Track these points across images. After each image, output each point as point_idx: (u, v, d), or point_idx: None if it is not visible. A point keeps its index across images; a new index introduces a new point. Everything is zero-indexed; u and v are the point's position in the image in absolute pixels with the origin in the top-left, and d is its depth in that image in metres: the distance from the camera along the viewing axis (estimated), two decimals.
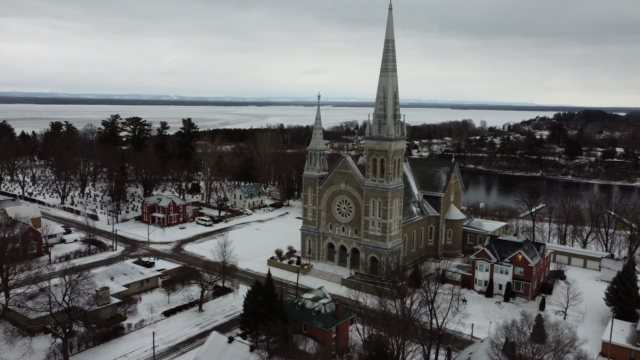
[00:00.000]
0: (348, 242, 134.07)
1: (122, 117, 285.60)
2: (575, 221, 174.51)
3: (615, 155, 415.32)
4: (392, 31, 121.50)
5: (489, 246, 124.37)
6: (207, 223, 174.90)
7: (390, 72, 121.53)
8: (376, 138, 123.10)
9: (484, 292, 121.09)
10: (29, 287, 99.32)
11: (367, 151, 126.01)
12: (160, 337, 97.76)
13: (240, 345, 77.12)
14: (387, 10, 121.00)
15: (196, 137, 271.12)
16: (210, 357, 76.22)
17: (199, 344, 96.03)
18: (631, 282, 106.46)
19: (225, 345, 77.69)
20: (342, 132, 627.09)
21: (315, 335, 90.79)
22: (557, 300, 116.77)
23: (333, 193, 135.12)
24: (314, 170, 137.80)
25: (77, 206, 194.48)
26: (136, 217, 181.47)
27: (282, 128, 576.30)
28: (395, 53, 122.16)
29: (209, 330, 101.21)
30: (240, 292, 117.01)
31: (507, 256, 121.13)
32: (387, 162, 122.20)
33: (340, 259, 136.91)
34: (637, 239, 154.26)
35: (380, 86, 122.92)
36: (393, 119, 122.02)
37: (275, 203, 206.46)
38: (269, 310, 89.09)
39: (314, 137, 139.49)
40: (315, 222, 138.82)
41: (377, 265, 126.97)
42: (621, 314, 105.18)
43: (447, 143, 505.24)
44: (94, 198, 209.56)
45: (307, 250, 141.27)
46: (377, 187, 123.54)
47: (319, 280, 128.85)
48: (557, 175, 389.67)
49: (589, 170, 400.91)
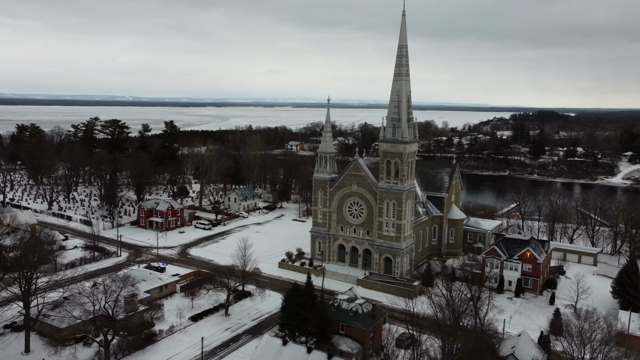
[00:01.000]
0: (360, 243, 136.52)
1: (77, 119, 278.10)
2: (561, 219, 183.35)
3: (576, 154, 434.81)
4: (405, 37, 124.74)
5: (497, 244, 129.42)
6: (207, 227, 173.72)
7: (404, 76, 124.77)
8: (390, 141, 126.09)
9: (495, 289, 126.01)
10: (60, 294, 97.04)
11: (381, 153, 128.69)
12: (193, 343, 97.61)
13: (296, 347, 78.26)
14: (401, 17, 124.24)
15: (179, 139, 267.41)
16: (267, 359, 77.00)
17: (234, 348, 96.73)
18: (637, 275, 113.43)
19: (280, 347, 78.61)
20: (310, 133, 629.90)
21: (354, 335, 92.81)
22: (564, 295, 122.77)
23: (344, 195, 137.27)
24: (325, 172, 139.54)
25: (67, 211, 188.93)
26: (131, 221, 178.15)
27: (251, 129, 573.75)
28: (408, 58, 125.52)
29: (240, 334, 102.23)
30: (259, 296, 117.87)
31: (516, 253, 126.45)
32: (402, 164, 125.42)
33: (351, 260, 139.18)
34: (622, 234, 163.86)
35: (394, 90, 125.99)
36: (407, 122, 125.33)
37: (268, 205, 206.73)
38: (309, 312, 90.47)
39: (324, 139, 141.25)
40: (326, 223, 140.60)
41: (390, 265, 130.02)
42: (627, 305, 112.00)
43: (422, 144, 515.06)
44: (80, 203, 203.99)
45: (317, 252, 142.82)
46: (392, 188, 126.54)
47: (333, 281, 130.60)
48: (524, 175, 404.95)
49: (553, 169, 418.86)
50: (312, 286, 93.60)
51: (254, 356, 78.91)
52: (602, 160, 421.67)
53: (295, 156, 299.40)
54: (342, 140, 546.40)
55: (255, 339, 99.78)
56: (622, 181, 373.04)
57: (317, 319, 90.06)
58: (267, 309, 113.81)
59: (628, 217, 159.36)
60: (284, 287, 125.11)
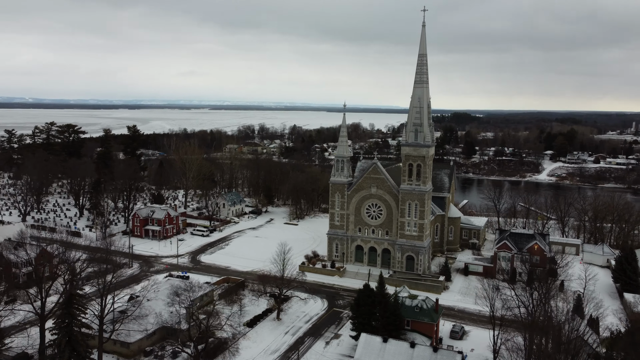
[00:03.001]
0: (379, 243, 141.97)
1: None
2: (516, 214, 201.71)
3: (505, 154, 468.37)
4: (425, 46, 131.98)
5: (507, 239, 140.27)
6: (205, 233, 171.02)
7: (425, 83, 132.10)
8: (413, 145, 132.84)
9: (507, 280, 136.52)
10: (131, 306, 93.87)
11: (403, 157, 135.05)
12: (262, 348, 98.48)
13: (397, 343, 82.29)
14: (421, 27, 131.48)
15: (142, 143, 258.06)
16: (371, 357, 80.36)
17: (305, 350, 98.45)
18: (635, 261, 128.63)
19: (381, 344, 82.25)
20: (243, 136, 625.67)
21: (421, 330, 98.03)
22: (567, 282, 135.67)
23: (362, 197, 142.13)
24: (342, 176, 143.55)
25: (45, 223, 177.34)
26: (122, 231, 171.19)
27: (187, 132, 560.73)
28: (427, 66, 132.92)
29: (302, 337, 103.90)
30: (304, 300, 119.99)
31: (524, 247, 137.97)
32: (424, 166, 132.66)
33: (369, 259, 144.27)
34: (584, 227, 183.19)
35: (415, 96, 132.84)
36: (428, 127, 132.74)
37: (253, 210, 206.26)
38: (383, 310, 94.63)
39: (341, 144, 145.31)
40: (343, 226, 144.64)
41: (412, 263, 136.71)
42: (627, 287, 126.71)
43: (356, 146, 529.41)
44: (55, 214, 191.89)
45: (334, 254, 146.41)
46: (414, 190, 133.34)
47: (357, 280, 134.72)
48: (460, 173, 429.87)
49: (485, 168, 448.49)
50: (384, 286, 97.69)
51: (358, 355, 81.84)
52: (527, 159, 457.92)
53: (265, 161, 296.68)
54: (280, 143, 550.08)
55: (319, 339, 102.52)
56: (547, 178, 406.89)
57: (392, 316, 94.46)
58: (313, 311, 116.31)
59: (596, 211, 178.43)
60: (316, 290, 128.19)
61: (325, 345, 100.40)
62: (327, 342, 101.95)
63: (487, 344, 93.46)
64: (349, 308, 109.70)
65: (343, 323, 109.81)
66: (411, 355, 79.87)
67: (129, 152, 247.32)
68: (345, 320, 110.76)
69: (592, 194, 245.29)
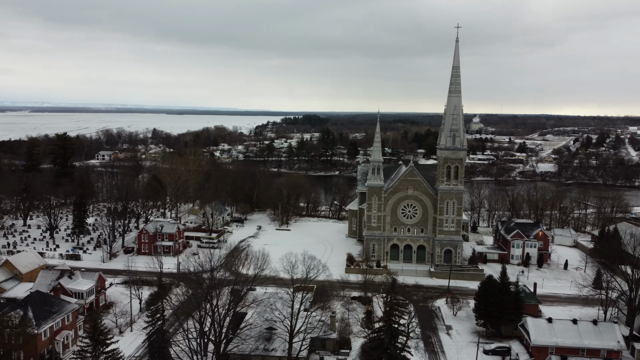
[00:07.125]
0: (414, 240, 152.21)
1: None
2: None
3: (386, 153, 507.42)
4: (458, 59, 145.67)
5: (517, 228, 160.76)
6: (215, 245, 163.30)
7: (459, 93, 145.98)
8: (451, 148, 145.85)
9: (521, 264, 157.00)
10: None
11: (441, 160, 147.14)
12: None
13: (561, 322, 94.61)
14: (454, 42, 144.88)
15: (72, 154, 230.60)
16: (545, 336, 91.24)
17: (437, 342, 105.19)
18: (617, 240, 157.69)
19: (547, 324, 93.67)
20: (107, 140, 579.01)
21: (527, 311, 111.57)
22: (561, 262, 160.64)
23: (399, 199, 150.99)
24: (378, 179, 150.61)
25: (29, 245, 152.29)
26: (125, 249, 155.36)
27: (48, 137, 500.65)
28: (460, 77, 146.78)
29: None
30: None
31: (531, 234, 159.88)
32: (461, 168, 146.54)
33: (404, 256, 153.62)
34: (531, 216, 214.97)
35: (450, 105, 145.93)
36: (463, 132, 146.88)
37: (235, 219, 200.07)
38: (507, 298, 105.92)
39: (375, 149, 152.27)
40: (380, 227, 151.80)
41: (450, 256, 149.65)
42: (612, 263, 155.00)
43: (246, 148, 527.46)
44: (22, 238, 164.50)
45: (370, 254, 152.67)
46: (452, 189, 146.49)
47: (403, 277, 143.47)
48: (352, 173, 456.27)
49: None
50: (506, 276, 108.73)
51: (533, 336, 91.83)
52: (405, 157, 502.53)
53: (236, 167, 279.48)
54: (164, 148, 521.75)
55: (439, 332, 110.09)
56: None
57: (516, 303, 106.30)
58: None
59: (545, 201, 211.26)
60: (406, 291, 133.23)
61: (449, 337, 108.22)
62: (446, 334, 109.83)
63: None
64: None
65: (439, 316, 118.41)
66: (577, 330, 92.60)
67: (60, 164, 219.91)
68: (438, 312, 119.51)
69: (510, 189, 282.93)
